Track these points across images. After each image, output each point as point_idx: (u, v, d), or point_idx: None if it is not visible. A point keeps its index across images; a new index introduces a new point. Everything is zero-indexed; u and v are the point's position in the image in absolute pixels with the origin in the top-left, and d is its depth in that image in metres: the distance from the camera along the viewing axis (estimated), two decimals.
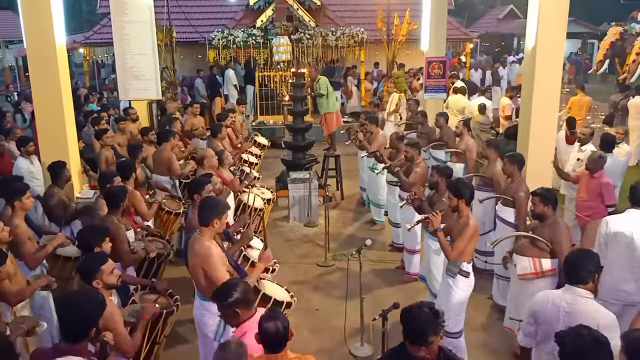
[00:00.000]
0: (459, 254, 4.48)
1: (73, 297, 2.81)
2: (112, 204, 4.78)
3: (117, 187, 4.96)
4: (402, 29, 14.11)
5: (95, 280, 3.43)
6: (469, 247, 4.50)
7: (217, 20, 16.78)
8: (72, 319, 2.71)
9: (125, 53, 9.54)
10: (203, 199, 3.99)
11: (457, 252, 4.47)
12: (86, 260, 3.55)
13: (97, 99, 13.18)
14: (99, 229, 4.13)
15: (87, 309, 2.74)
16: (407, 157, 6.43)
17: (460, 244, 4.45)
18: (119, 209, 4.79)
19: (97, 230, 4.10)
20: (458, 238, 4.47)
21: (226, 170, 6.62)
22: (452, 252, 4.48)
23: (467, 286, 4.59)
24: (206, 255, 3.61)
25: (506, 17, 34.24)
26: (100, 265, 3.48)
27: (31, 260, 4.39)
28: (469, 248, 4.52)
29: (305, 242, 7.87)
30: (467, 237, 4.45)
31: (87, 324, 2.73)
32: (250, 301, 3.13)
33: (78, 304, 2.74)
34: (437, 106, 10.72)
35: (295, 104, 9.24)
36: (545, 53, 6.30)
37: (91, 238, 3.95)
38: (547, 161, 6.51)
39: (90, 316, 2.75)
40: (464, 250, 4.48)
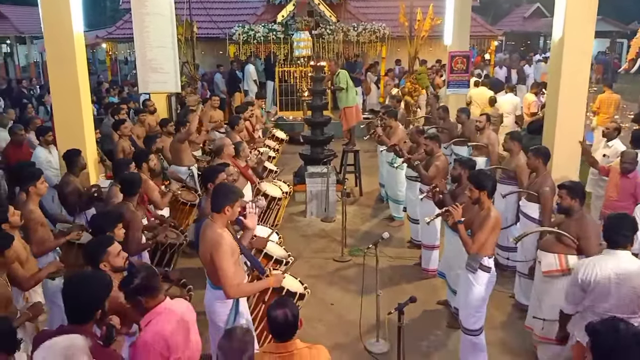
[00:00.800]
0: (479, 248, 4.30)
1: (79, 277, 2.74)
2: (128, 191, 4.72)
3: (132, 174, 4.91)
4: (424, 24, 13.87)
5: (102, 263, 3.38)
6: (490, 240, 4.33)
7: (238, 16, 16.75)
8: (77, 299, 2.65)
9: (145, 46, 9.51)
10: (216, 186, 3.90)
11: (478, 245, 4.30)
12: (91, 243, 3.49)
13: (117, 92, 13.24)
14: (112, 214, 4.07)
15: (93, 290, 2.67)
16: (426, 150, 6.26)
17: (481, 236, 4.28)
18: (134, 196, 4.74)
19: (110, 215, 4.04)
20: (479, 230, 4.30)
21: (242, 162, 6.53)
22: (473, 245, 4.31)
23: (488, 282, 4.42)
24: (216, 243, 3.51)
25: (532, 16, 33.61)
26: (107, 246, 3.44)
27: (38, 248, 4.33)
28: (490, 241, 4.34)
29: (321, 237, 7.75)
30: (488, 229, 4.27)
31: (93, 305, 2.66)
32: (155, 288, 2.92)
33: (84, 285, 2.67)
34: (459, 102, 10.49)
35: (314, 97, 9.14)
36: (574, 42, 6.07)
37: (104, 223, 3.90)
38: (574, 156, 6.29)
39: (96, 297, 2.68)
40: (485, 243, 4.31)
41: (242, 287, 3.58)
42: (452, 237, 5.43)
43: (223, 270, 3.47)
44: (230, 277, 3.51)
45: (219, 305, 3.67)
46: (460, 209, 4.39)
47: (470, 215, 4.54)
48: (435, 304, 5.89)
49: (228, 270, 3.49)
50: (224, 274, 3.48)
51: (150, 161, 5.87)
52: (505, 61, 22.09)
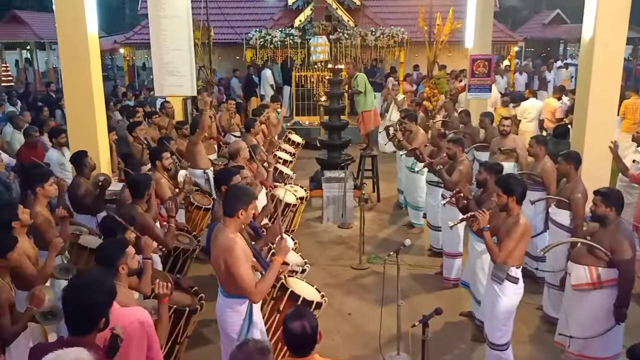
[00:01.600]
0: (506, 257, 4.04)
1: (79, 284, 2.52)
2: (136, 192, 4.56)
3: (142, 175, 4.74)
4: (444, 28, 13.62)
5: (121, 265, 3.19)
6: (518, 249, 4.06)
7: (255, 22, 16.68)
8: (77, 308, 2.43)
9: (162, 48, 9.42)
10: (229, 187, 3.69)
11: (505, 254, 4.04)
12: (107, 245, 3.29)
13: (134, 96, 13.20)
14: (123, 217, 3.89)
15: (95, 298, 2.45)
16: (449, 154, 6.01)
17: (509, 244, 4.02)
18: (143, 198, 4.56)
19: (121, 218, 3.85)
20: (506, 238, 4.04)
21: (258, 165, 6.34)
22: (500, 254, 4.05)
23: (515, 293, 4.14)
24: (229, 248, 3.30)
25: (552, 22, 33.07)
26: (125, 247, 3.26)
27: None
28: (519, 250, 4.08)
29: (338, 244, 7.51)
30: (516, 237, 4.01)
31: (95, 314, 2.45)
32: None
33: (85, 292, 2.45)
34: (480, 106, 10.22)
35: (331, 101, 8.92)
36: (605, 43, 5.86)
37: (115, 226, 3.71)
38: (604, 161, 6.01)
39: (99, 305, 2.46)
40: (513, 252, 4.05)
41: (262, 286, 3.37)
42: (477, 244, 5.18)
43: (241, 276, 3.27)
44: (250, 282, 3.31)
45: (231, 314, 3.45)
46: (487, 214, 4.14)
47: (497, 222, 4.29)
48: (458, 316, 5.61)
49: (246, 275, 3.28)
50: (243, 279, 3.27)
51: (164, 159, 5.71)
52: (525, 67, 21.74)
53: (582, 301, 4.34)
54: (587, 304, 4.30)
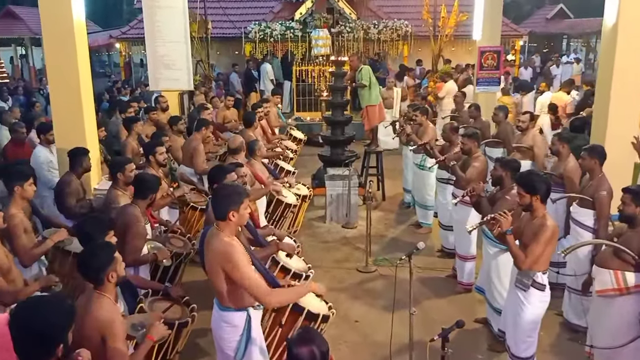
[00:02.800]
0: (533, 263, 3.67)
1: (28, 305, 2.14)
2: (140, 192, 4.19)
3: (152, 176, 4.36)
4: (449, 20, 13.24)
5: (110, 273, 2.81)
6: (545, 253, 3.69)
7: (254, 15, 16.26)
8: (28, 333, 2.04)
9: (157, 41, 9.01)
10: (216, 189, 3.30)
11: (532, 260, 3.66)
12: (93, 251, 2.88)
13: (129, 92, 12.80)
14: (101, 219, 3.50)
15: (49, 320, 2.06)
16: (464, 150, 5.61)
17: (536, 249, 3.64)
18: (144, 199, 4.18)
19: (99, 221, 3.46)
20: (533, 242, 3.66)
21: (258, 162, 5.95)
22: (526, 260, 3.67)
23: (542, 301, 3.79)
24: (225, 253, 2.91)
25: (555, 17, 32.71)
26: (113, 252, 2.88)
27: (25, 256, 3.80)
28: (546, 255, 3.71)
29: (343, 245, 7.13)
30: (543, 241, 3.64)
31: (49, 339, 2.05)
32: None
33: (35, 314, 2.06)
34: (488, 100, 9.82)
35: (334, 95, 8.55)
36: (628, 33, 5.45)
37: (92, 230, 3.32)
38: (628, 157, 5.61)
39: (54, 328, 2.07)
40: (540, 257, 3.67)
41: (278, 294, 3.01)
42: (490, 247, 4.80)
43: (248, 280, 2.89)
44: (259, 285, 2.93)
45: (227, 329, 3.06)
46: (510, 216, 3.75)
47: (520, 224, 3.91)
48: (472, 322, 5.22)
49: (253, 277, 2.91)
50: (251, 283, 2.90)
51: (157, 154, 5.33)
52: (530, 62, 21.36)
53: (607, 308, 3.99)
54: (613, 311, 3.95)
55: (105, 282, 2.82)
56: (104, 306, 2.75)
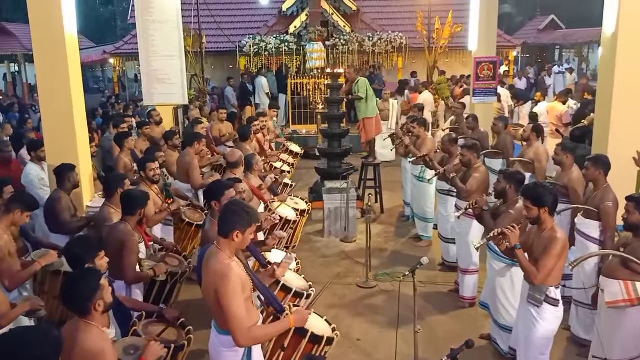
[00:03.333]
0: (546, 277, 3.55)
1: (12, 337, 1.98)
2: (129, 209, 4.05)
3: (139, 191, 4.23)
4: (444, 32, 13.24)
5: (97, 302, 2.65)
6: (557, 267, 3.58)
7: (248, 29, 16.25)
8: None
9: (150, 55, 8.93)
10: (227, 203, 3.16)
11: (544, 275, 3.55)
12: (77, 280, 2.71)
13: (123, 107, 12.68)
14: (91, 240, 3.35)
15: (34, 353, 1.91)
16: (463, 161, 5.51)
17: (548, 263, 3.53)
18: (134, 215, 4.04)
19: (89, 241, 3.31)
20: (544, 256, 3.55)
21: (255, 177, 5.83)
22: (538, 275, 3.55)
23: (555, 317, 3.67)
24: (223, 276, 2.77)
25: (547, 28, 33.01)
26: (99, 280, 2.71)
27: (9, 280, 3.64)
28: (558, 268, 3.60)
29: (342, 260, 6.99)
30: (555, 254, 3.53)
31: None
32: None
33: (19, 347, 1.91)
34: (485, 111, 9.75)
35: (330, 107, 8.46)
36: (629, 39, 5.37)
37: (82, 251, 3.17)
38: (631, 167, 5.51)
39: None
40: (552, 271, 3.55)
41: (255, 333, 2.82)
42: (494, 262, 4.68)
43: (231, 311, 2.73)
44: (240, 319, 2.77)
45: (226, 354, 2.90)
46: (518, 230, 3.63)
47: (528, 238, 3.79)
48: (478, 339, 5.07)
49: (238, 310, 2.74)
50: (233, 315, 2.74)
51: (147, 170, 5.20)
52: (524, 73, 21.44)
53: (619, 320, 3.87)
54: (626, 323, 3.83)
55: (92, 312, 2.65)
56: (91, 337, 2.59)
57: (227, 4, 17.38)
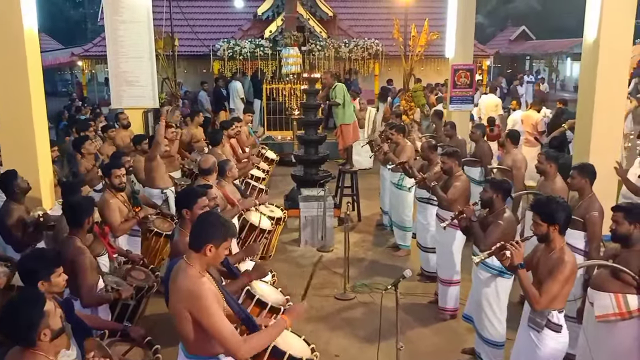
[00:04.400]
0: (549, 303, 3.29)
1: None
2: (74, 220, 3.70)
3: (80, 198, 3.88)
4: (420, 39, 13.19)
5: (42, 332, 2.34)
6: (563, 292, 3.32)
7: (222, 33, 15.93)
8: None
9: (119, 57, 8.63)
10: (202, 214, 2.89)
11: (548, 300, 3.27)
12: (17, 307, 2.36)
13: (89, 110, 12.22)
14: (47, 254, 3.02)
15: None
16: (445, 169, 5.35)
17: (553, 288, 3.25)
18: (82, 227, 3.70)
19: (45, 256, 2.99)
20: (549, 281, 3.27)
21: (229, 184, 5.55)
22: (541, 300, 3.26)
23: (559, 343, 3.39)
24: (194, 293, 2.50)
25: (518, 39, 33.63)
26: (43, 306, 2.39)
27: None
28: (564, 293, 3.33)
29: (319, 270, 6.75)
30: (562, 279, 3.25)
31: None
32: None
33: None
34: (462, 118, 9.67)
35: (307, 113, 8.25)
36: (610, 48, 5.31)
37: (37, 266, 2.85)
38: (612, 176, 5.45)
39: None
40: (557, 296, 3.30)
41: (253, 343, 2.58)
42: (480, 272, 4.50)
43: (218, 329, 2.48)
44: (231, 334, 2.51)
45: None
46: (522, 248, 3.39)
47: (532, 257, 3.56)
48: (460, 354, 4.89)
49: (224, 327, 2.49)
50: (222, 332, 2.49)
51: (112, 177, 4.86)
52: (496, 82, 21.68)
53: (609, 334, 3.68)
54: (616, 338, 3.65)
55: (38, 342, 2.35)
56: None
57: (201, 6, 17.04)
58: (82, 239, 3.66)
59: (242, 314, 2.83)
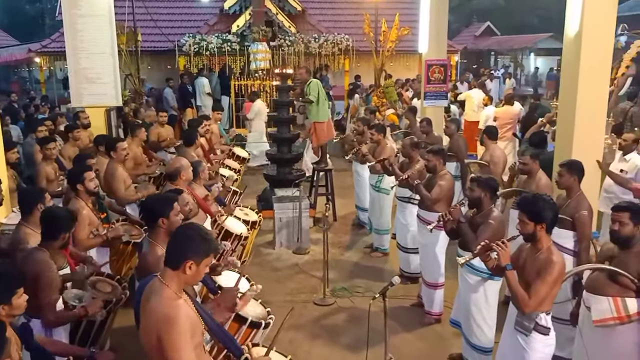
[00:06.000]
0: (538, 305, 3.16)
1: None
2: (51, 232, 3.36)
3: (64, 211, 3.53)
4: (391, 34, 13.03)
5: None
6: (552, 293, 3.20)
7: (188, 28, 15.41)
8: None
9: (79, 52, 8.12)
10: (179, 228, 2.58)
11: (537, 302, 3.15)
12: None
13: (48, 109, 11.61)
14: (8, 274, 2.65)
15: None
16: (428, 167, 5.16)
17: (541, 289, 3.13)
18: (55, 241, 3.36)
19: (5, 276, 2.62)
20: (538, 282, 3.14)
21: (200, 186, 5.23)
22: (530, 302, 3.14)
23: (547, 346, 3.28)
24: (168, 319, 2.20)
25: (483, 34, 34.01)
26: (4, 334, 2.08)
27: None
28: (552, 295, 3.21)
29: (296, 274, 6.49)
30: (551, 280, 3.14)
31: None
32: None
33: None
34: (437, 114, 9.54)
35: (280, 110, 7.96)
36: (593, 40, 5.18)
37: None
38: (596, 173, 5.36)
39: None
40: (546, 298, 3.17)
41: None
42: (468, 276, 4.32)
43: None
44: None
45: None
46: (509, 248, 3.23)
47: (518, 257, 3.40)
48: (447, 359, 4.72)
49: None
50: None
51: (87, 180, 4.50)
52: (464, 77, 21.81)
53: (607, 339, 3.53)
54: (615, 342, 3.51)
55: None
56: None
57: (165, 0, 16.47)
58: (51, 253, 3.30)
59: (225, 338, 2.54)
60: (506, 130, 9.75)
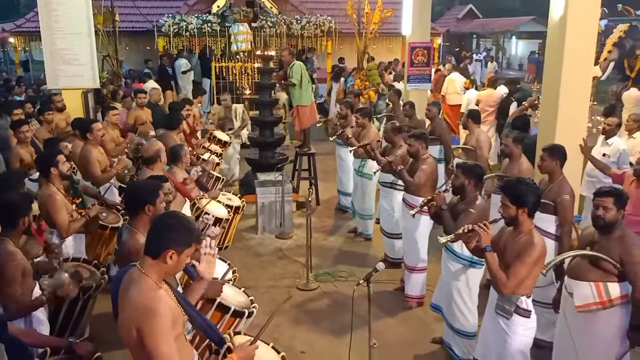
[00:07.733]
0: (516, 287, 3.18)
1: None
2: (6, 220, 3.22)
3: (15, 196, 3.38)
4: (374, 16, 12.90)
5: None
6: (531, 275, 3.22)
7: (167, 8, 15.08)
8: None
9: (54, 32, 7.89)
10: (162, 215, 2.49)
11: (515, 283, 3.18)
12: None
13: (24, 90, 11.30)
14: None
15: None
16: (410, 152, 5.12)
17: (521, 270, 3.16)
18: (15, 228, 3.23)
19: None
20: (517, 263, 3.17)
21: (181, 170, 5.12)
22: (508, 283, 3.17)
23: (528, 328, 3.31)
24: (148, 311, 2.13)
25: (465, 17, 34.04)
26: None
27: None
28: (532, 277, 3.23)
29: (279, 259, 6.45)
30: (530, 262, 3.16)
31: None
32: None
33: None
34: (420, 97, 9.49)
35: (262, 93, 7.84)
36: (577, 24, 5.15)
37: None
38: (578, 157, 5.37)
39: None
40: (525, 280, 3.19)
41: None
42: (450, 263, 4.32)
43: (159, 355, 2.12)
44: None
45: None
46: (491, 229, 3.24)
47: (498, 240, 3.41)
48: (430, 343, 4.73)
49: (167, 354, 2.13)
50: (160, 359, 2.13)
51: (60, 164, 4.37)
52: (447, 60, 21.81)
53: (590, 323, 3.55)
54: (598, 327, 3.54)
55: None
56: None
57: None
58: (15, 241, 3.18)
59: (207, 327, 2.48)
60: (488, 114, 9.76)
